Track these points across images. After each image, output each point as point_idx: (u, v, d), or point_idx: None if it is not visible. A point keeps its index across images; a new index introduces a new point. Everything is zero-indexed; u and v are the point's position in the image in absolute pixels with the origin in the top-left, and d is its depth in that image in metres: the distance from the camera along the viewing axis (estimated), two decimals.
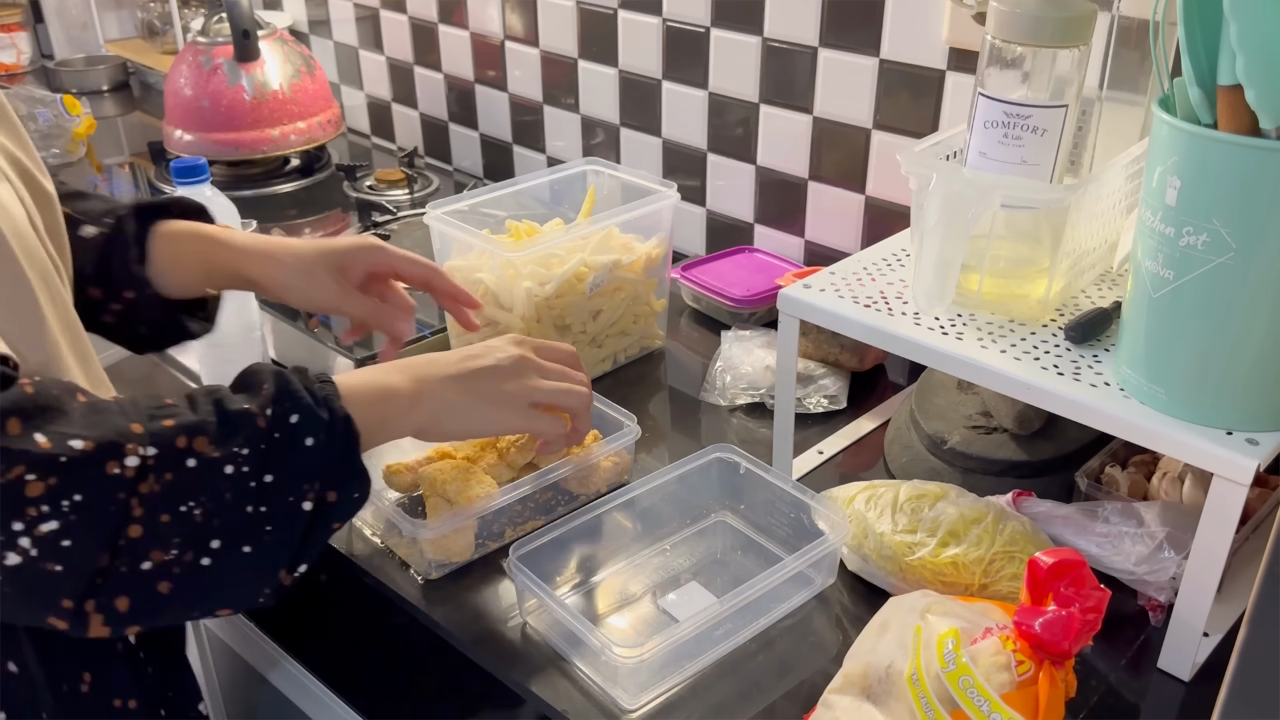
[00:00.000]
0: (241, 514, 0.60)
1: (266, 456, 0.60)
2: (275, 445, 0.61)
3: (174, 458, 0.58)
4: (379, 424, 0.68)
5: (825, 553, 0.80)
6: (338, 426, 0.63)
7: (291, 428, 0.62)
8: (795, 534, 0.85)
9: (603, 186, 1.21)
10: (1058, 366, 0.75)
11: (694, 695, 0.74)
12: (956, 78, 1.08)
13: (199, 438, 0.59)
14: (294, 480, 0.61)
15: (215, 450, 0.59)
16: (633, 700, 0.73)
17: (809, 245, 1.29)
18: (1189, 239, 0.63)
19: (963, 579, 0.74)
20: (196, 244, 0.85)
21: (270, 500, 0.60)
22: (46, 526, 0.54)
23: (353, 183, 1.62)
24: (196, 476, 0.58)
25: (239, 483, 0.59)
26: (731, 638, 0.77)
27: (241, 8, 1.52)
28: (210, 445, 0.59)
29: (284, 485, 0.61)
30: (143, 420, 0.58)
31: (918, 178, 0.78)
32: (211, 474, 0.59)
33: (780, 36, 1.21)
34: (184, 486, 0.58)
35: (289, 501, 0.61)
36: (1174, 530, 0.75)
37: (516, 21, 1.51)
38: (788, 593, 0.81)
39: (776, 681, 0.75)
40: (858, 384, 1.09)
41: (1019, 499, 0.82)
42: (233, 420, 0.60)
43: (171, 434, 0.58)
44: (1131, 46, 0.82)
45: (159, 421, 0.59)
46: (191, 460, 0.59)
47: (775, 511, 0.88)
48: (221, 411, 0.61)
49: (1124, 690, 0.72)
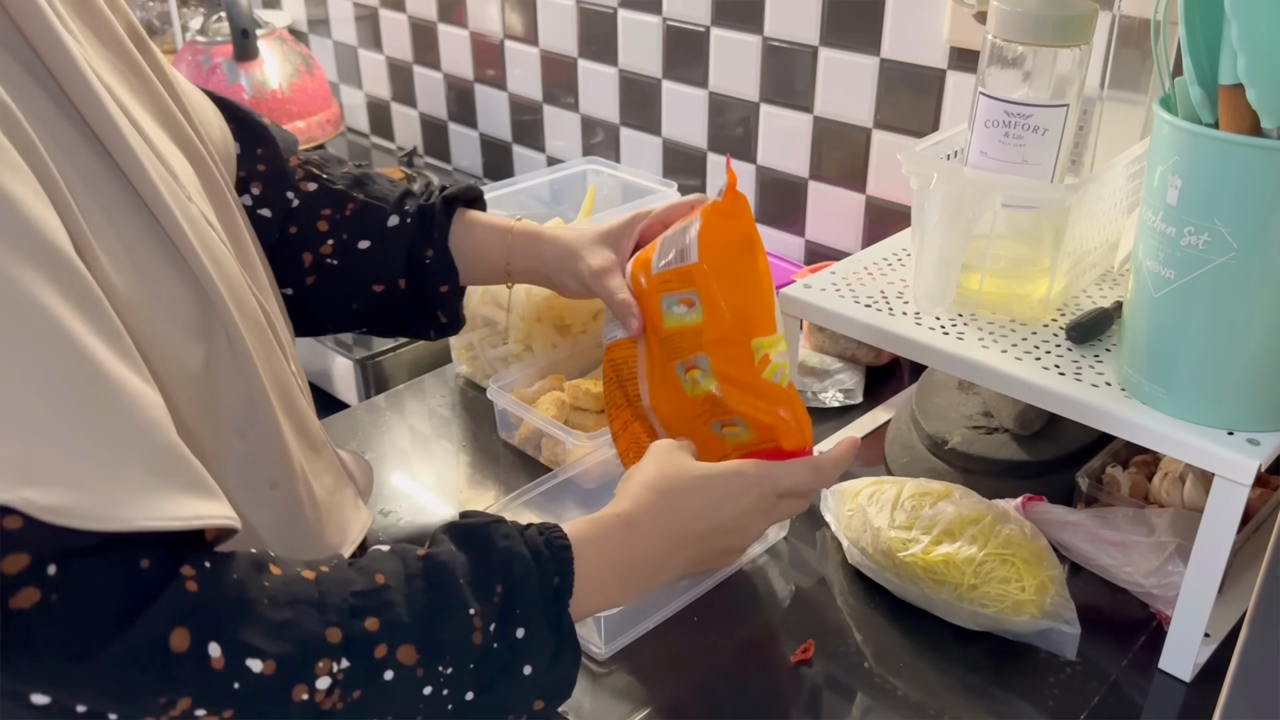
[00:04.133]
0: None
1: (474, 675, 0.53)
2: (488, 665, 0.53)
3: (369, 671, 0.49)
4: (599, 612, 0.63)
5: None
6: (564, 656, 0.56)
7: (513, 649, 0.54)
8: None
9: (602, 186, 1.21)
10: (1059, 366, 0.75)
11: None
12: (957, 77, 1.08)
13: (403, 647, 0.50)
14: (500, 706, 0.54)
15: (419, 666, 0.50)
16: (605, 648, 0.75)
17: (809, 245, 1.29)
18: (1190, 239, 0.63)
19: (953, 577, 0.74)
20: (498, 235, 0.83)
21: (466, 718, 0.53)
22: None
23: None
24: (391, 691, 0.50)
25: (435, 704, 0.52)
26: (693, 589, 0.80)
27: (240, 7, 1.52)
28: (415, 656, 0.50)
29: (487, 709, 0.54)
30: (342, 620, 0.49)
31: (918, 177, 0.78)
32: (408, 690, 0.50)
33: (780, 36, 1.21)
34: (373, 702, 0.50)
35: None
36: (1184, 541, 0.75)
37: (516, 21, 1.51)
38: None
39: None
40: (874, 378, 1.09)
41: (1029, 504, 0.82)
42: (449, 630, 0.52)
43: (372, 641, 0.49)
44: (1132, 46, 0.82)
45: (360, 621, 0.49)
46: (389, 674, 0.50)
47: None
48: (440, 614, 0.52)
49: (1125, 691, 0.72)
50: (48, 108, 0.49)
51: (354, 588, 0.51)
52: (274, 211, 0.79)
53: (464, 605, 0.52)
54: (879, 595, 0.80)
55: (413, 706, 0.51)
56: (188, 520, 0.45)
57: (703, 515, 0.65)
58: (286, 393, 0.63)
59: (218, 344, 0.56)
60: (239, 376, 0.57)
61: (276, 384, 0.62)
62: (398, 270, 0.81)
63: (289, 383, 0.64)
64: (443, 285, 0.82)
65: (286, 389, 0.63)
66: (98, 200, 0.50)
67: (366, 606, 0.50)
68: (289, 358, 0.66)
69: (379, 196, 0.83)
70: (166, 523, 0.44)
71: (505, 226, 0.84)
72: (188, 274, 0.54)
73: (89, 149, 0.51)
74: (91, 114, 0.51)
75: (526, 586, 0.55)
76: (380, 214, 0.82)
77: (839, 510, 0.84)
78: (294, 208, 0.81)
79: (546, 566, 0.57)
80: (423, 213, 0.83)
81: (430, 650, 0.51)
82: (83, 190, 0.49)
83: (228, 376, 0.56)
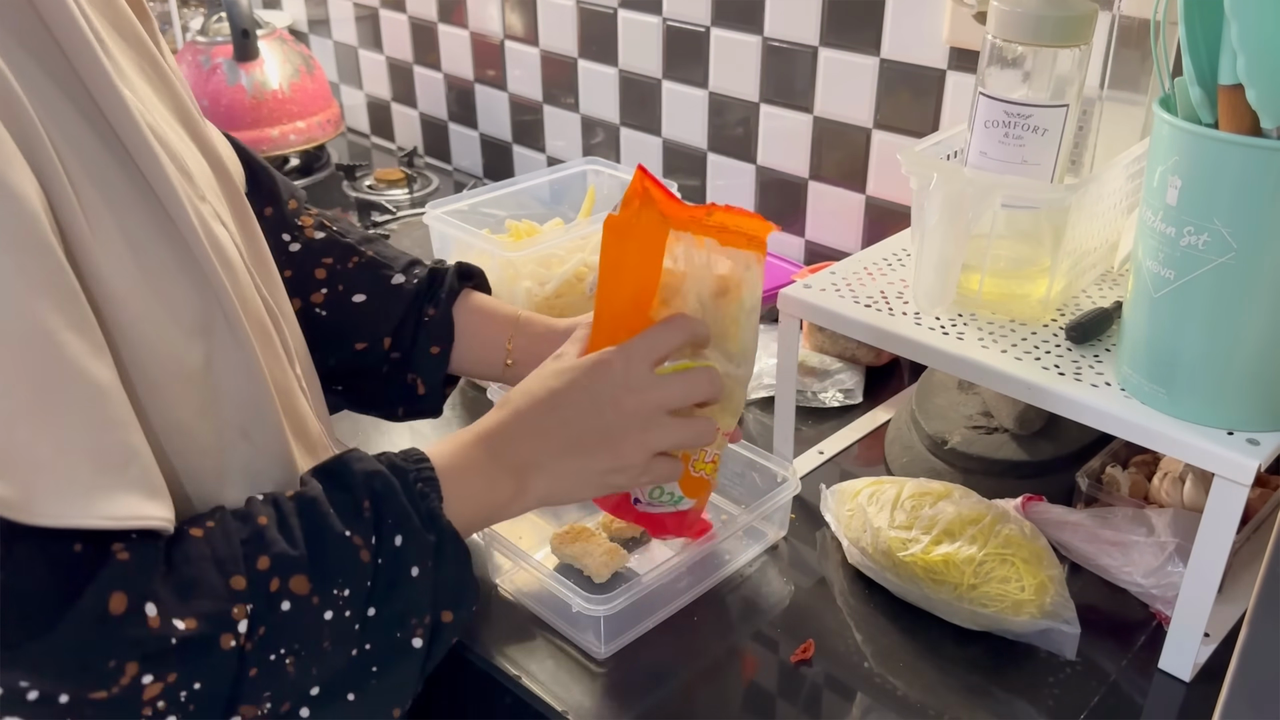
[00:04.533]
0: (343, 659, 0.54)
1: (371, 592, 0.54)
2: (379, 579, 0.54)
3: (270, 606, 0.51)
4: (482, 523, 0.63)
5: (777, 506, 0.83)
6: (447, 549, 0.57)
7: (396, 556, 0.55)
8: (749, 492, 0.88)
9: (603, 186, 1.21)
10: (1058, 366, 0.75)
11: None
12: (957, 77, 1.08)
13: (295, 576, 0.52)
14: (401, 614, 0.55)
15: (313, 592, 0.52)
16: (605, 648, 0.75)
17: (809, 245, 1.29)
18: (1190, 239, 0.63)
19: (953, 577, 0.74)
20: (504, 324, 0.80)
21: (375, 638, 0.55)
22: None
23: (352, 182, 1.62)
24: (292, 622, 0.52)
25: (338, 626, 0.53)
26: (693, 590, 0.80)
27: (241, 7, 1.52)
28: (308, 584, 0.52)
29: (390, 621, 0.55)
30: (238, 566, 0.51)
31: (918, 177, 0.78)
32: (308, 618, 0.52)
33: (780, 36, 1.21)
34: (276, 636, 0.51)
35: (396, 638, 0.55)
36: (1184, 542, 0.75)
37: (516, 21, 1.51)
38: (743, 546, 0.85)
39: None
40: (874, 378, 1.09)
41: (1029, 504, 0.82)
42: (331, 553, 0.53)
43: (266, 577, 0.52)
44: (1132, 46, 0.82)
45: (254, 563, 0.52)
46: (286, 604, 0.52)
47: (728, 473, 0.90)
48: (319, 540, 0.54)
49: (1125, 691, 0.72)
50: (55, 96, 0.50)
51: (241, 536, 0.53)
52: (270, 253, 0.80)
53: (339, 529, 0.54)
54: (879, 595, 0.80)
55: (317, 632, 0.53)
56: (122, 520, 0.47)
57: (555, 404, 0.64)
58: (287, 395, 0.63)
59: (221, 342, 0.55)
60: (245, 377, 0.57)
61: (278, 387, 0.62)
62: (386, 329, 0.79)
63: (289, 386, 0.64)
64: (434, 347, 0.79)
65: (287, 391, 0.63)
66: (101, 191, 0.50)
67: (255, 549, 0.52)
68: (293, 360, 0.66)
69: (387, 256, 0.83)
70: (101, 522, 0.46)
71: (513, 319, 0.81)
72: (194, 270, 0.54)
73: (99, 142, 0.51)
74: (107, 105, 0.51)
75: (391, 497, 0.56)
76: (384, 270, 0.81)
77: (839, 510, 0.84)
78: (292, 252, 0.80)
79: (408, 475, 0.58)
80: (433, 275, 0.82)
81: (321, 577, 0.53)
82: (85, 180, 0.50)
83: (232, 377, 0.56)
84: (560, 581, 0.74)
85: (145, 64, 0.61)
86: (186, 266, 0.54)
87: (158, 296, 0.52)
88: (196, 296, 0.54)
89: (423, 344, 0.80)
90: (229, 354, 0.56)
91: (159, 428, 0.53)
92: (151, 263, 0.52)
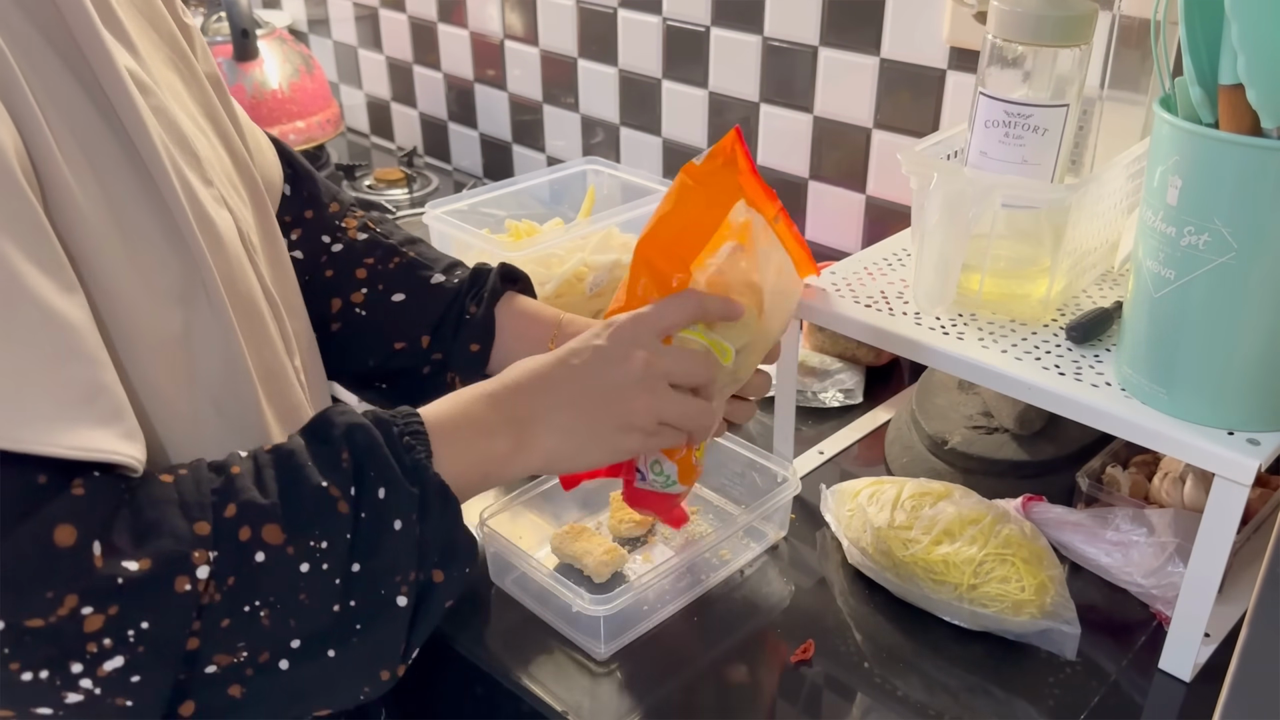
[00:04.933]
0: (324, 614, 0.52)
1: (353, 547, 0.53)
2: (361, 533, 0.53)
3: (240, 555, 0.50)
4: (479, 481, 0.60)
5: (777, 506, 0.83)
6: (433, 502, 0.55)
7: (378, 509, 0.53)
8: (748, 492, 0.88)
9: (602, 186, 1.21)
10: (1059, 366, 0.75)
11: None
12: (957, 77, 1.08)
13: (267, 525, 0.51)
14: (384, 570, 0.53)
15: (288, 544, 0.51)
16: (604, 649, 0.75)
17: (810, 245, 1.28)
18: (1190, 239, 0.63)
19: (953, 577, 0.74)
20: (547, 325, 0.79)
21: (358, 595, 0.53)
22: (111, 664, 0.47)
23: (352, 182, 1.62)
24: (265, 573, 0.51)
25: (317, 580, 0.52)
26: (693, 590, 0.80)
27: (240, 7, 1.52)
28: (281, 534, 0.51)
29: (374, 577, 0.53)
30: (204, 513, 0.50)
31: (918, 177, 0.78)
32: (282, 570, 0.51)
33: (780, 36, 1.21)
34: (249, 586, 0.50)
35: (380, 595, 0.53)
36: (1184, 542, 0.75)
37: (516, 20, 1.51)
38: (743, 546, 0.85)
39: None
40: (874, 378, 1.09)
41: (1029, 504, 0.82)
42: (307, 503, 0.52)
43: (234, 525, 0.51)
44: (1132, 46, 0.82)
45: (221, 511, 0.51)
46: (260, 554, 0.51)
47: (728, 473, 0.90)
48: (294, 490, 0.52)
49: (1125, 691, 0.72)
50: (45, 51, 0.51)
51: (212, 485, 0.52)
52: (305, 254, 0.80)
53: (315, 480, 0.53)
54: (879, 595, 0.80)
55: (293, 585, 0.51)
56: (87, 452, 0.47)
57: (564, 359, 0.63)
58: (276, 380, 0.63)
59: (199, 314, 0.56)
60: (221, 351, 0.57)
61: (265, 369, 0.62)
62: (425, 328, 0.79)
63: (281, 373, 0.64)
64: (474, 344, 0.79)
65: (277, 377, 0.63)
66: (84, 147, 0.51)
67: (224, 497, 0.51)
68: (292, 351, 0.66)
69: (430, 258, 0.83)
70: (63, 451, 0.46)
71: (554, 314, 0.81)
72: (174, 236, 0.55)
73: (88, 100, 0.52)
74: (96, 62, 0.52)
75: (372, 449, 0.54)
76: (425, 270, 0.81)
77: (839, 510, 0.84)
78: (335, 252, 0.81)
79: (391, 429, 0.56)
80: (475, 275, 0.81)
81: (295, 527, 0.52)
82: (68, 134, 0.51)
83: (208, 349, 0.57)
84: (560, 581, 0.74)
85: (177, 59, 0.63)
86: (167, 231, 0.55)
87: (135, 256, 0.53)
88: (176, 263, 0.55)
89: (462, 341, 0.79)
90: (207, 326, 0.56)
91: (134, 389, 0.53)
92: (131, 223, 0.53)
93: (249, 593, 0.51)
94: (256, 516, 0.51)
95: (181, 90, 0.63)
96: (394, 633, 0.55)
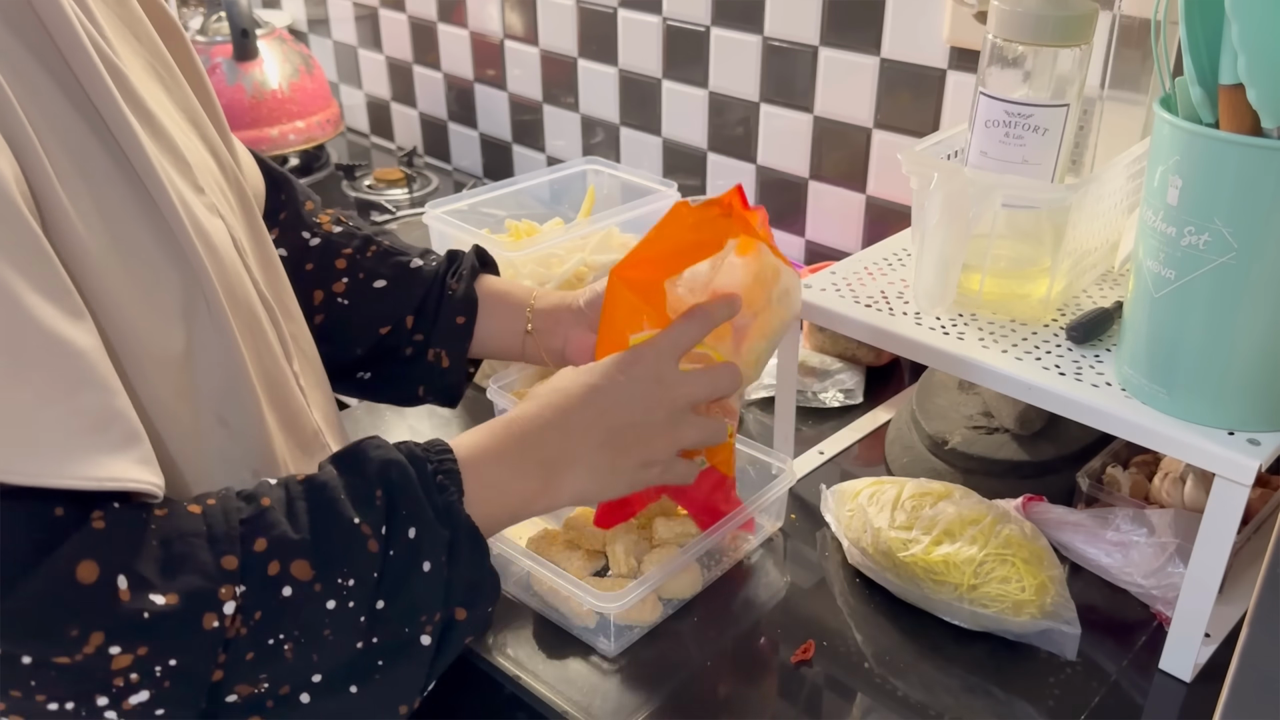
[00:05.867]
0: (348, 650, 0.52)
1: (379, 585, 0.53)
2: (388, 571, 0.53)
3: (266, 589, 0.50)
4: (507, 520, 0.61)
5: (774, 498, 0.83)
6: (462, 545, 0.55)
7: (408, 549, 0.53)
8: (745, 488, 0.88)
9: (602, 186, 1.21)
10: (1059, 366, 0.75)
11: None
12: (957, 77, 1.08)
13: (296, 561, 0.51)
14: (411, 610, 0.54)
15: (316, 581, 0.51)
16: (613, 647, 0.75)
17: (809, 245, 1.29)
18: (1190, 239, 0.63)
19: (953, 577, 0.74)
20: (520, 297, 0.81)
21: (382, 633, 0.53)
22: (136, 698, 0.47)
23: (352, 182, 1.62)
24: (292, 608, 0.51)
25: (343, 617, 0.52)
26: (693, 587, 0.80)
27: (240, 7, 1.52)
28: (310, 571, 0.51)
29: (399, 616, 0.54)
30: (233, 546, 0.50)
31: (919, 177, 0.78)
32: (309, 606, 0.51)
33: (781, 35, 1.21)
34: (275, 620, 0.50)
35: (404, 634, 0.54)
36: (1184, 542, 0.75)
37: (516, 20, 1.51)
38: (741, 539, 0.85)
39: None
40: (874, 378, 1.09)
41: (1029, 504, 0.82)
42: (338, 540, 0.52)
43: (264, 560, 0.50)
44: (1133, 46, 0.82)
45: (250, 544, 0.51)
46: (287, 589, 0.51)
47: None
48: (325, 526, 0.52)
49: (1125, 691, 0.72)
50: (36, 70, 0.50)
51: (241, 515, 0.52)
52: (290, 251, 0.81)
53: (347, 517, 0.53)
54: (879, 595, 0.80)
55: (318, 621, 0.51)
56: (102, 482, 0.46)
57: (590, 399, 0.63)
58: (277, 388, 0.63)
59: (201, 326, 0.55)
60: (224, 363, 0.57)
61: (265, 377, 0.62)
62: (409, 308, 0.80)
63: (282, 379, 0.64)
64: (460, 317, 0.80)
65: (277, 384, 0.63)
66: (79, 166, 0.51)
67: (254, 530, 0.51)
68: (290, 357, 0.66)
69: (403, 246, 0.84)
70: (79, 483, 0.46)
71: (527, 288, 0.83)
72: (174, 249, 0.54)
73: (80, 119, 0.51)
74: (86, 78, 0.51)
75: (406, 487, 0.55)
76: (403, 257, 0.82)
77: (839, 510, 0.84)
78: (312, 246, 0.82)
79: (425, 467, 0.56)
80: (451, 256, 0.83)
81: (324, 563, 0.51)
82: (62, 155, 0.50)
83: (211, 361, 0.56)
84: (568, 580, 0.73)
85: (157, 64, 0.62)
86: (166, 245, 0.54)
87: (136, 274, 0.53)
88: (176, 277, 0.54)
89: (446, 316, 0.80)
90: (209, 338, 0.56)
91: (143, 408, 0.53)
92: (129, 240, 0.53)
93: (275, 627, 0.51)
94: (287, 552, 0.51)
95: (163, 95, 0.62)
96: (415, 670, 0.55)
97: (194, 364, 0.55)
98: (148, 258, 0.53)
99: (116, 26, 0.59)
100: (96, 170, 0.52)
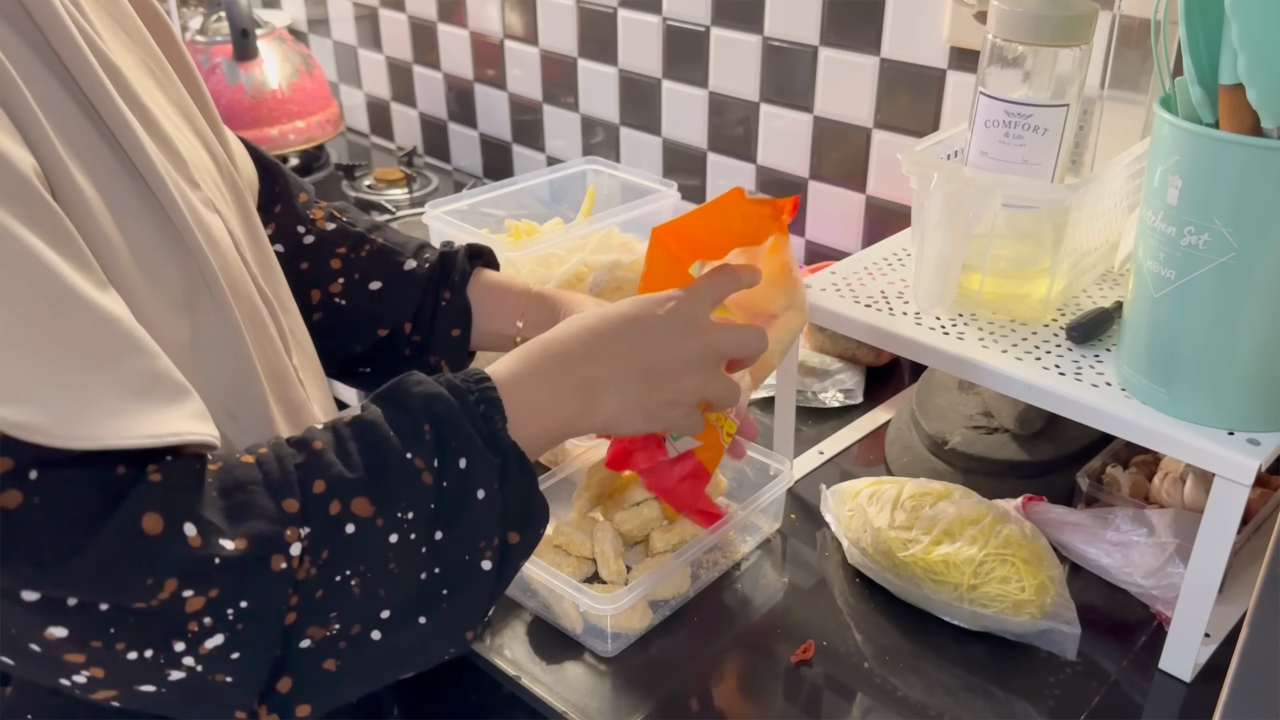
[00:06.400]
0: (413, 582, 0.54)
1: (436, 515, 0.54)
2: (444, 502, 0.54)
3: (331, 528, 0.52)
4: (549, 442, 0.62)
5: (771, 498, 0.83)
6: (512, 470, 0.57)
7: (461, 479, 0.55)
8: (743, 488, 0.88)
9: (602, 186, 1.21)
10: (1059, 366, 0.75)
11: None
12: (957, 77, 1.08)
13: (356, 499, 0.52)
14: (469, 538, 0.55)
15: (377, 516, 0.53)
16: (610, 647, 0.75)
17: (810, 245, 1.29)
18: (1190, 239, 0.63)
19: (953, 577, 0.74)
20: (517, 299, 0.81)
21: (444, 562, 0.55)
22: (212, 642, 0.49)
23: (352, 182, 1.62)
24: (355, 544, 0.52)
25: (405, 549, 0.53)
26: (693, 585, 0.80)
27: (240, 7, 1.52)
28: (370, 506, 0.53)
29: (458, 544, 0.55)
30: (292, 490, 0.51)
31: (919, 177, 0.78)
32: (373, 541, 0.53)
33: (781, 35, 1.21)
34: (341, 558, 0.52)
35: (465, 561, 0.55)
36: (1184, 542, 0.75)
37: (516, 20, 1.51)
38: (739, 540, 0.85)
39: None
40: (874, 378, 1.09)
41: (1029, 504, 0.82)
42: (393, 476, 0.54)
43: (325, 500, 0.52)
44: (1133, 46, 0.82)
45: (309, 486, 0.52)
46: (350, 526, 0.52)
47: (724, 471, 0.90)
48: (379, 463, 0.54)
49: (1125, 691, 0.72)
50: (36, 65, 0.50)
51: (296, 460, 0.53)
52: (285, 247, 0.81)
53: (399, 452, 0.54)
54: (879, 595, 0.80)
55: (383, 555, 0.53)
56: (160, 438, 0.48)
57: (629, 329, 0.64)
58: (281, 382, 0.63)
59: (205, 318, 0.56)
60: (230, 354, 0.57)
61: (270, 370, 0.62)
62: (406, 314, 0.80)
63: (285, 373, 0.64)
64: (454, 329, 0.81)
65: (281, 378, 0.64)
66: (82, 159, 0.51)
67: (311, 473, 0.52)
68: (290, 350, 0.66)
69: (397, 242, 0.84)
70: (136, 441, 0.47)
71: (523, 286, 0.83)
72: (176, 242, 0.55)
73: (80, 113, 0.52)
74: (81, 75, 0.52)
75: (452, 419, 0.56)
76: (396, 257, 0.82)
77: (839, 510, 0.84)
78: (307, 244, 0.82)
79: (467, 397, 0.57)
80: (444, 259, 0.83)
81: (383, 500, 0.53)
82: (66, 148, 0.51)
83: (218, 353, 0.57)
84: (565, 581, 0.74)
85: (149, 60, 0.63)
86: (168, 238, 0.55)
87: (139, 266, 0.53)
88: (179, 269, 0.55)
89: (442, 328, 0.81)
90: (214, 330, 0.56)
91: None
92: (132, 233, 0.53)
93: (342, 563, 0.52)
94: (346, 490, 0.52)
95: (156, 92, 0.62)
96: (479, 595, 0.56)
97: (200, 356, 0.56)
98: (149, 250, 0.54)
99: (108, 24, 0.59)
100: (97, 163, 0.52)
